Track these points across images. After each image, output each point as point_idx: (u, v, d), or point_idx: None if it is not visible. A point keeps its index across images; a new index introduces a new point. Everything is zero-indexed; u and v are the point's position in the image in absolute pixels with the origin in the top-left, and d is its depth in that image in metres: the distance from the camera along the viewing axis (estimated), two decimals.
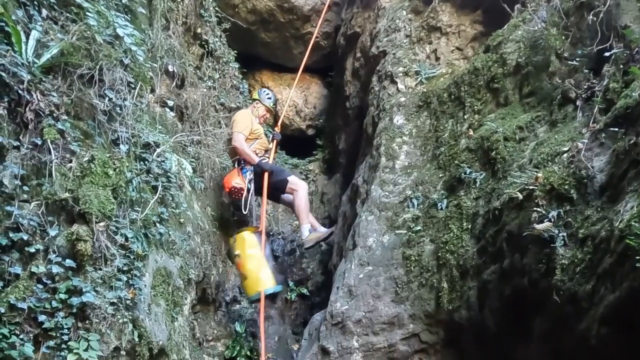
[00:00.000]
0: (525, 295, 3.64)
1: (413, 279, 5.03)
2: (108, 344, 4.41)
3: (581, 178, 3.36)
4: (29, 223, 4.06)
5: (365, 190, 6.27)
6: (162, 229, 5.23)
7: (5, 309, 3.88)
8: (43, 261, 4.12)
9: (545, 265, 3.38)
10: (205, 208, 7.10)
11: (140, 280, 4.78)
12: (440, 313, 4.78)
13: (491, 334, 4.18)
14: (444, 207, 5.05)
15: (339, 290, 5.49)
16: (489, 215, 4.28)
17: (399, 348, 5.05)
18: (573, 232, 3.25)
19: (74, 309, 4.12)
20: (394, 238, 5.35)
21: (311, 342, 5.75)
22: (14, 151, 4.18)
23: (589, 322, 2.97)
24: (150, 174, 5.24)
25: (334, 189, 8.60)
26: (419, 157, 5.82)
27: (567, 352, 3.31)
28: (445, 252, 4.77)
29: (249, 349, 7.49)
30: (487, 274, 4.15)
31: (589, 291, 3.00)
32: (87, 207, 4.28)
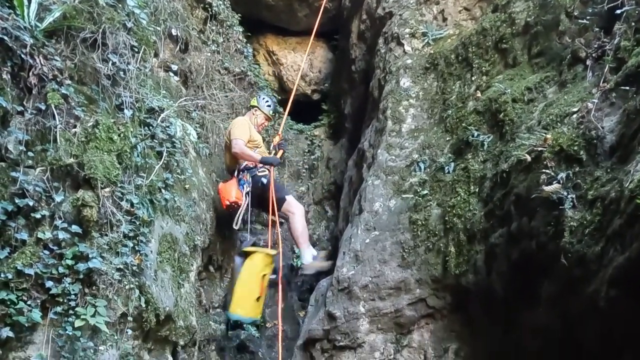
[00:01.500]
0: (533, 258, 3.61)
1: (420, 244, 5.02)
2: (115, 310, 4.45)
3: (591, 139, 3.31)
4: (34, 189, 4.06)
5: (371, 154, 6.22)
6: (167, 194, 5.23)
7: (13, 275, 3.90)
8: (49, 227, 4.13)
9: (553, 228, 3.34)
10: (210, 174, 7.09)
11: (146, 247, 4.80)
12: (447, 278, 4.77)
13: (498, 298, 4.16)
14: (451, 171, 5.00)
15: (345, 255, 5.49)
16: (497, 178, 4.23)
17: (406, 313, 5.05)
18: (582, 193, 3.21)
19: (81, 275, 4.15)
20: (401, 202, 5.33)
21: (318, 308, 5.77)
22: (18, 116, 4.17)
23: (598, 285, 2.94)
24: (155, 139, 5.21)
25: (340, 154, 8.55)
26: (426, 120, 5.76)
27: (575, 315, 3.29)
28: (452, 216, 4.74)
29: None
30: (494, 238, 4.12)
31: (597, 253, 2.97)
32: (92, 172, 4.27)
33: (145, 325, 4.88)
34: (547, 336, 3.63)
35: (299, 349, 5.69)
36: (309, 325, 5.62)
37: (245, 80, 8.46)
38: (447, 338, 4.96)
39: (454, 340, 4.91)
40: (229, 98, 7.80)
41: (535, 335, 3.78)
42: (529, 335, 3.86)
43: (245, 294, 6.03)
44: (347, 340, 5.21)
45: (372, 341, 5.20)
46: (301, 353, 5.65)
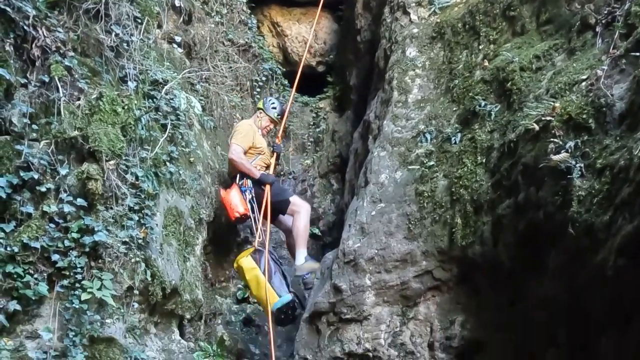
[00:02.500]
0: (540, 229, 3.58)
1: (426, 215, 4.98)
2: (121, 284, 4.48)
3: (600, 106, 3.25)
4: (39, 162, 4.08)
5: (377, 125, 6.16)
6: (172, 167, 5.22)
7: (19, 248, 3.93)
8: (54, 200, 4.16)
9: (561, 198, 3.31)
10: (215, 147, 7.07)
11: (152, 220, 4.81)
12: (454, 249, 4.74)
13: (505, 269, 4.14)
14: (457, 141, 4.93)
15: (351, 228, 5.45)
16: (504, 148, 4.17)
17: (412, 285, 5.03)
18: (591, 162, 3.16)
19: (87, 248, 4.18)
20: (407, 174, 5.27)
21: (323, 280, 5.76)
22: (21, 89, 4.18)
23: (606, 254, 2.92)
24: (159, 111, 5.21)
25: (345, 127, 8.47)
26: (432, 90, 5.68)
27: (582, 285, 3.27)
28: (459, 187, 4.68)
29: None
30: (501, 209, 4.08)
31: (606, 222, 2.93)
32: (97, 145, 4.28)
33: (152, 299, 4.92)
34: (554, 307, 3.61)
35: (305, 322, 5.69)
36: (314, 299, 5.60)
37: (249, 51, 8.40)
38: (453, 310, 4.94)
39: (460, 312, 4.90)
40: (233, 70, 7.73)
41: (542, 306, 3.76)
42: (536, 306, 3.85)
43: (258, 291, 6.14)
44: (353, 313, 5.20)
45: (378, 314, 5.19)
46: (307, 326, 5.65)
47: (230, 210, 6.44)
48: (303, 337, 5.66)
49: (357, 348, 5.21)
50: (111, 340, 4.44)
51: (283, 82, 9.00)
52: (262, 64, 8.73)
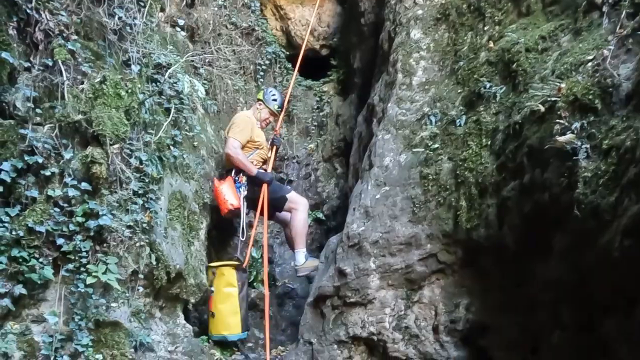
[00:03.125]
0: (545, 211, 3.56)
1: (431, 198, 4.96)
2: (126, 268, 4.49)
3: (606, 87, 3.22)
4: (43, 146, 4.08)
5: (381, 108, 6.13)
6: (176, 151, 5.22)
7: (24, 233, 3.94)
8: (59, 184, 4.16)
9: (566, 179, 3.28)
10: (218, 131, 7.06)
11: (156, 204, 4.82)
12: (459, 232, 4.73)
13: (510, 252, 4.13)
14: (462, 124, 4.90)
15: (355, 211, 5.44)
16: (509, 130, 4.14)
17: (416, 269, 5.03)
18: (597, 143, 3.14)
19: (92, 232, 4.19)
20: (411, 157, 5.25)
21: (328, 264, 5.76)
22: (25, 73, 4.17)
23: (612, 235, 2.90)
24: (163, 95, 5.20)
25: (349, 110, 8.44)
26: (437, 72, 5.64)
27: (588, 267, 3.25)
28: (464, 169, 4.66)
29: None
30: (506, 191, 4.06)
31: (612, 203, 2.92)
32: (101, 129, 4.27)
33: (156, 283, 4.93)
34: (560, 288, 3.60)
35: (309, 306, 5.70)
36: (319, 282, 5.61)
37: (252, 35, 8.37)
38: (458, 293, 4.95)
39: (464, 295, 4.90)
40: (236, 53, 7.70)
41: (547, 288, 3.76)
42: (542, 288, 3.84)
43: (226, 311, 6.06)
44: (357, 296, 5.20)
45: (383, 297, 5.19)
46: (311, 310, 5.66)
47: (222, 202, 6.28)
48: (307, 321, 5.67)
49: (361, 332, 5.23)
50: (116, 324, 4.46)
51: (286, 66, 8.96)
52: (265, 48, 8.70)
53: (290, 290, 7.55)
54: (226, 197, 6.24)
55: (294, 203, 6.73)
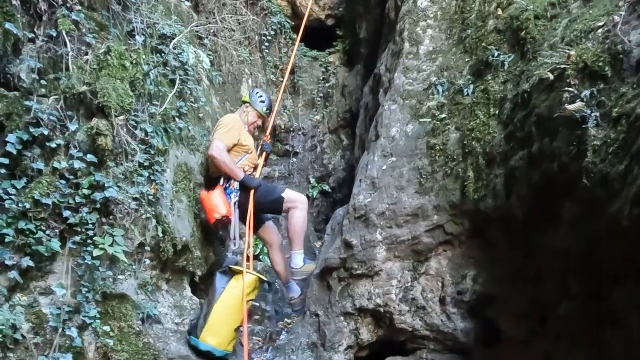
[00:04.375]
0: (554, 180, 3.53)
1: (437, 169, 4.94)
2: (132, 240, 4.50)
3: (617, 53, 3.16)
4: (48, 118, 4.06)
5: (387, 78, 6.07)
6: (181, 123, 5.20)
7: (30, 205, 3.93)
8: (64, 156, 4.15)
9: (575, 148, 3.25)
10: (223, 103, 7.02)
11: (162, 176, 4.81)
12: (466, 203, 4.71)
13: (518, 222, 4.10)
14: (470, 93, 4.85)
15: (361, 182, 5.43)
16: (518, 99, 4.10)
17: (423, 240, 5.03)
18: (606, 111, 3.09)
19: (98, 204, 4.18)
20: (418, 127, 5.21)
21: (334, 236, 5.75)
22: (29, 44, 4.13)
23: (621, 204, 2.88)
24: (167, 66, 5.16)
25: (355, 81, 8.37)
26: (444, 41, 5.56)
27: (597, 236, 3.24)
28: (471, 139, 4.62)
29: None
30: (514, 161, 4.03)
31: (621, 172, 2.88)
32: (106, 100, 4.25)
33: (163, 255, 4.94)
34: (568, 258, 3.59)
35: (316, 278, 5.71)
36: (325, 254, 5.62)
37: (257, 5, 8.30)
38: (465, 265, 4.94)
39: (472, 266, 4.90)
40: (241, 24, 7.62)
41: (555, 258, 3.74)
42: (549, 258, 3.83)
43: (225, 321, 5.19)
44: (364, 268, 5.21)
45: (389, 269, 5.20)
46: (318, 282, 5.68)
47: (209, 211, 5.61)
48: (314, 293, 5.69)
49: (368, 303, 5.25)
50: (123, 296, 4.47)
51: (292, 36, 8.88)
52: (270, 18, 8.62)
53: None
54: (214, 204, 5.60)
55: (291, 202, 6.20)
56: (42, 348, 3.92)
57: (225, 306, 5.17)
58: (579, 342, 3.56)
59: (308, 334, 5.60)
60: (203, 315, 5.17)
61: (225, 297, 5.21)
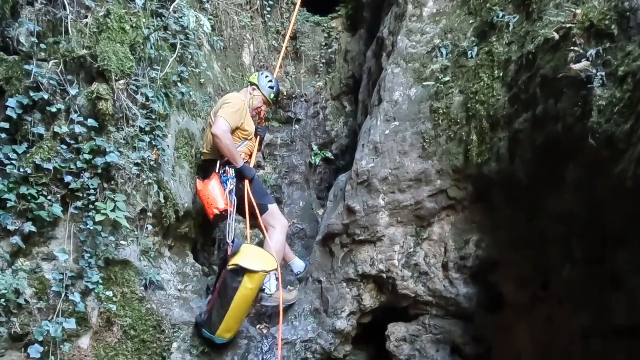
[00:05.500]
0: (558, 142, 3.50)
1: (441, 133, 4.90)
2: (135, 206, 4.50)
3: (624, 11, 3.10)
4: (48, 82, 4.04)
5: (391, 42, 5.98)
6: (183, 88, 5.17)
7: (32, 170, 3.93)
8: (65, 121, 4.14)
9: (581, 109, 3.21)
10: (225, 69, 6.95)
11: (163, 141, 4.80)
12: (469, 167, 4.69)
13: (522, 186, 4.09)
14: (474, 56, 4.79)
15: (364, 148, 5.39)
16: (523, 61, 4.04)
17: (426, 205, 5.02)
18: (612, 70, 3.05)
19: (99, 169, 4.18)
20: (422, 91, 5.16)
21: (336, 203, 5.74)
22: (28, 7, 4.09)
23: (626, 164, 2.86)
24: (168, 30, 5.11)
25: (358, 46, 8.23)
26: (448, 3, 5.45)
27: (601, 198, 3.23)
28: (475, 102, 4.58)
29: None
30: (518, 123, 3.99)
31: (627, 131, 2.85)
32: (106, 64, 4.22)
33: (165, 222, 4.95)
34: (572, 222, 3.58)
35: (318, 245, 5.71)
36: (328, 221, 5.61)
37: None
38: (468, 230, 4.94)
39: (475, 231, 4.90)
40: None
41: (559, 221, 3.74)
42: (553, 222, 3.82)
43: (239, 317, 4.98)
44: (366, 234, 5.21)
45: (392, 235, 5.20)
46: (320, 249, 5.68)
47: (207, 206, 5.24)
48: (316, 260, 5.70)
49: (370, 269, 5.26)
50: (126, 262, 4.49)
51: (294, 1, 8.73)
52: None
53: (300, 231, 7.55)
54: (211, 198, 5.22)
55: (273, 219, 5.70)
56: (45, 313, 3.95)
57: (239, 308, 4.83)
58: (582, 306, 3.58)
59: (311, 301, 5.62)
60: (217, 314, 4.80)
61: (239, 299, 4.78)
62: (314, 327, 5.40)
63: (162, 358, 4.62)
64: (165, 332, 4.65)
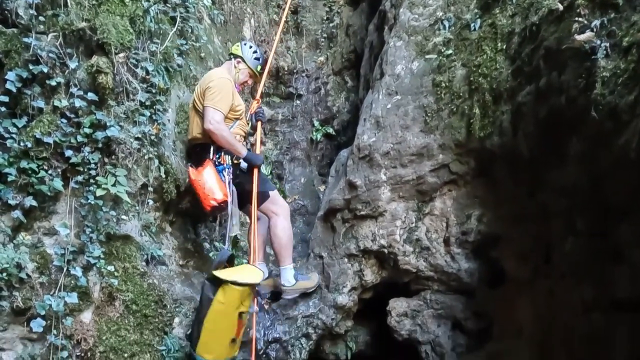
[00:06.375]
0: (561, 115, 3.47)
1: (443, 107, 4.86)
2: (135, 181, 4.49)
3: None
4: (47, 55, 4.02)
5: (393, 15, 5.91)
6: (183, 62, 5.10)
7: (32, 144, 3.92)
8: (65, 95, 4.11)
9: (584, 80, 3.17)
10: (225, 43, 6.89)
11: (164, 116, 4.77)
12: (472, 141, 4.66)
13: (524, 160, 4.06)
14: (477, 28, 4.72)
15: (366, 122, 5.35)
16: (526, 32, 3.98)
17: (428, 180, 5.00)
18: (617, 41, 3.00)
19: (99, 143, 4.16)
20: (424, 64, 5.11)
21: (338, 178, 5.72)
22: None
23: (629, 135, 2.84)
24: (168, 3, 5.06)
25: (360, 20, 8.14)
26: None
27: (604, 171, 3.21)
28: (478, 75, 4.53)
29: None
30: (521, 96, 3.95)
31: (630, 102, 2.82)
32: (105, 37, 4.19)
33: (166, 197, 4.93)
34: (574, 195, 3.57)
35: (320, 220, 5.70)
36: (329, 196, 5.59)
37: None
38: (470, 204, 4.94)
39: (477, 206, 4.89)
40: None
41: (561, 195, 3.73)
42: (555, 195, 3.81)
43: (216, 336, 4.40)
44: (368, 209, 5.20)
45: (394, 210, 5.19)
46: (322, 224, 5.67)
47: (203, 196, 4.80)
48: (318, 235, 5.69)
49: (372, 245, 5.25)
50: (127, 237, 4.50)
51: None
52: None
53: (301, 207, 7.55)
54: (207, 187, 4.78)
55: (275, 205, 5.28)
56: (47, 287, 3.96)
57: (214, 324, 4.31)
58: (584, 279, 3.57)
59: None
60: (196, 326, 4.39)
61: (212, 314, 4.28)
62: (315, 302, 5.40)
63: (164, 333, 4.64)
64: (166, 307, 4.66)
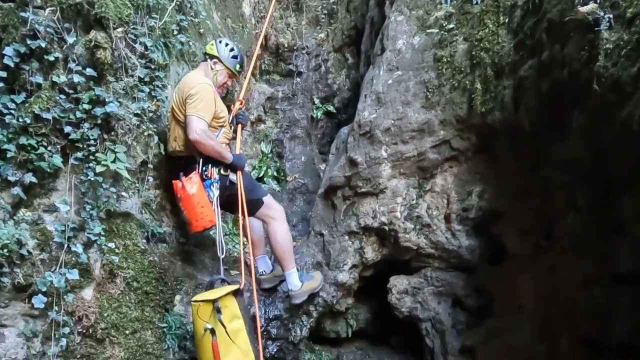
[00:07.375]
0: (564, 88, 3.45)
1: (445, 82, 4.83)
2: (135, 158, 4.46)
3: None
4: (45, 30, 3.97)
5: None
6: (182, 37, 5.06)
7: (31, 120, 3.89)
8: (63, 70, 4.07)
9: (587, 53, 3.14)
10: (225, 19, 6.83)
11: (163, 92, 4.75)
12: (473, 117, 4.64)
13: (526, 134, 4.04)
14: (479, 1, 4.67)
15: (366, 98, 5.32)
16: (529, 5, 3.95)
17: (429, 156, 4.99)
18: (620, 12, 2.97)
19: (99, 120, 4.13)
20: (425, 39, 5.06)
21: (338, 155, 5.71)
22: None
23: (632, 108, 2.82)
24: None
25: None
26: None
27: (606, 144, 3.19)
28: (480, 50, 4.49)
29: (275, 169, 7.51)
30: (524, 70, 3.92)
31: (633, 75, 2.80)
32: (104, 11, 4.14)
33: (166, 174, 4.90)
34: (576, 169, 3.56)
35: (320, 197, 5.70)
36: (330, 173, 5.58)
37: None
38: (471, 181, 4.93)
39: (478, 182, 4.88)
40: None
41: (563, 170, 3.71)
42: (557, 170, 3.80)
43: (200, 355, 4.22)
44: (368, 186, 5.20)
45: (394, 186, 5.18)
46: (322, 201, 5.67)
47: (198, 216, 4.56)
48: (318, 213, 5.69)
49: (373, 222, 5.26)
50: (127, 214, 4.47)
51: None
52: None
53: (301, 185, 7.54)
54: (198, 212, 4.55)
55: (270, 210, 5.12)
56: (48, 264, 3.94)
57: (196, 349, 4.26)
58: (586, 254, 3.57)
59: (313, 254, 5.64)
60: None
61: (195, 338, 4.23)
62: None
63: (165, 310, 4.64)
64: (167, 284, 4.66)
